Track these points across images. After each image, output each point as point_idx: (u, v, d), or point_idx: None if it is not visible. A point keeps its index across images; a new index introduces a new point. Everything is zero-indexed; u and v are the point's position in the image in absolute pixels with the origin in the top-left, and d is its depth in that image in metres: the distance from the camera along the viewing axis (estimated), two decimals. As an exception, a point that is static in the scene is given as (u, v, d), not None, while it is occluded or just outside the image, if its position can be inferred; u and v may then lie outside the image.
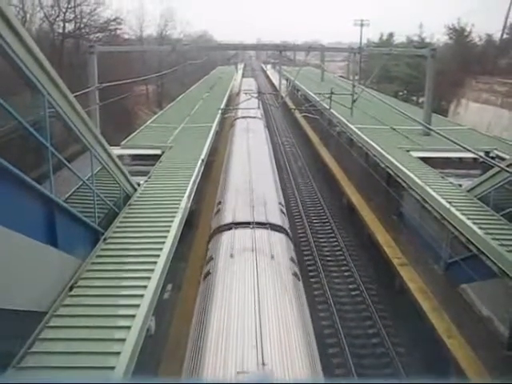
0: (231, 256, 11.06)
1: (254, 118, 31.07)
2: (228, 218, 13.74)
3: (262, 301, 9.00)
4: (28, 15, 40.28)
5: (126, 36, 58.20)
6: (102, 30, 46.08)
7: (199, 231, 19.40)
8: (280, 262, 11.06)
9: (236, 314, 8.66)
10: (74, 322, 7.86)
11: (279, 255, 11.38)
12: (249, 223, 12.96)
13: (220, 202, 16.07)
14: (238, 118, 30.94)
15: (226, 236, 12.50)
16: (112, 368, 6.74)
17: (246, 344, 7.68)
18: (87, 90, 20.02)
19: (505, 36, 55.26)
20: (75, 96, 9.92)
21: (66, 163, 9.41)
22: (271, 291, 9.53)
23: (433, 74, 24.82)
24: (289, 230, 14.15)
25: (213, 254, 11.78)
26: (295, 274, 11.05)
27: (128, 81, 27.24)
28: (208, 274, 10.94)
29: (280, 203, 16.31)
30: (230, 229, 12.88)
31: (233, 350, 7.61)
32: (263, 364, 7.17)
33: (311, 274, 19.14)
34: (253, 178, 17.20)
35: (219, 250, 11.80)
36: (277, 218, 14.23)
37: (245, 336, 7.91)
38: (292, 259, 11.84)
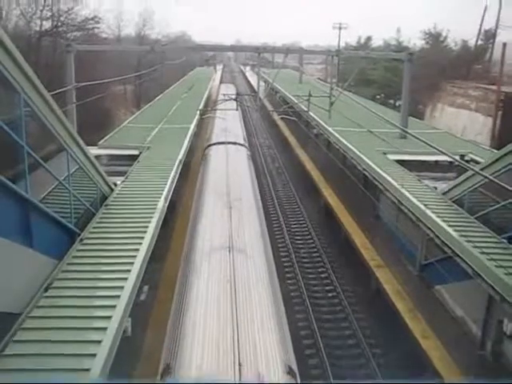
0: None
1: (235, 143, 22.83)
2: None
3: None
4: (4, 12, 39.71)
5: (104, 35, 57.53)
6: (80, 29, 45.52)
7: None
8: None
9: None
10: (49, 323, 7.76)
11: None
12: None
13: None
14: (213, 145, 22.66)
15: None
16: (87, 370, 6.68)
17: None
18: (64, 89, 19.80)
19: (479, 42, 56.16)
20: (52, 95, 9.82)
21: (42, 163, 9.30)
22: None
23: (410, 77, 25.10)
24: None
25: None
26: None
27: (106, 81, 26.99)
28: None
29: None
30: None
31: None
32: None
33: (288, 275, 19.22)
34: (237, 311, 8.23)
35: None
36: None
37: None
38: None
